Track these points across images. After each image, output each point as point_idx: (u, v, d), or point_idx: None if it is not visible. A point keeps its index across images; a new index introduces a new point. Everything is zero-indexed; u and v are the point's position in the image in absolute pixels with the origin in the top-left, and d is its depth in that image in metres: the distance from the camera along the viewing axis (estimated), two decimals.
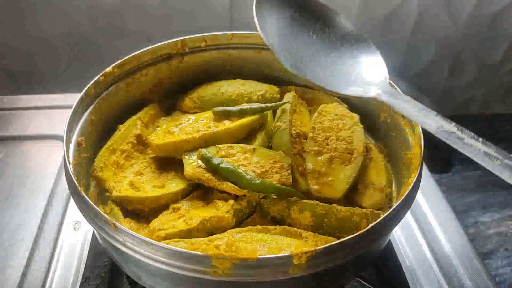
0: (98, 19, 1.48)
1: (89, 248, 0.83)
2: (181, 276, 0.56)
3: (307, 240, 0.64)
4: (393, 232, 0.81)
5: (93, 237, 0.85)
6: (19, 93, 1.19)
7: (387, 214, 0.59)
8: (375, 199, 0.72)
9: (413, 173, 0.67)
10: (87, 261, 0.81)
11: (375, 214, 0.68)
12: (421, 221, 0.91)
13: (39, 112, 1.12)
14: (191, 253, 0.54)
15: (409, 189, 0.63)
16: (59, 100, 1.15)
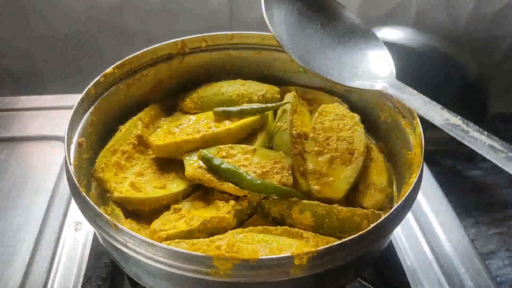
0: (98, 19, 1.48)
1: (90, 248, 0.83)
2: (182, 276, 0.56)
3: (308, 240, 0.64)
4: (394, 232, 0.81)
5: (94, 237, 0.85)
6: (19, 94, 1.19)
7: (388, 214, 0.59)
8: (376, 199, 0.72)
9: (414, 173, 0.66)
10: (88, 262, 0.81)
11: (376, 214, 0.68)
12: (422, 221, 0.91)
13: (39, 112, 1.12)
14: (192, 253, 0.54)
15: (410, 189, 0.63)
16: (59, 100, 1.15)
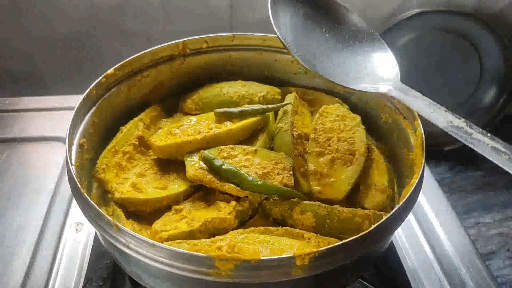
0: (98, 19, 1.48)
1: (91, 249, 0.83)
2: (184, 277, 0.56)
3: (310, 241, 0.64)
4: (394, 232, 0.81)
5: (95, 238, 0.85)
6: (20, 95, 1.19)
7: (389, 215, 0.59)
8: (377, 200, 0.72)
9: (415, 174, 0.67)
10: (89, 262, 0.81)
11: (377, 215, 0.68)
12: (423, 222, 0.91)
13: (40, 113, 1.12)
14: (193, 254, 0.54)
15: (411, 190, 0.63)
16: (60, 101, 1.15)
